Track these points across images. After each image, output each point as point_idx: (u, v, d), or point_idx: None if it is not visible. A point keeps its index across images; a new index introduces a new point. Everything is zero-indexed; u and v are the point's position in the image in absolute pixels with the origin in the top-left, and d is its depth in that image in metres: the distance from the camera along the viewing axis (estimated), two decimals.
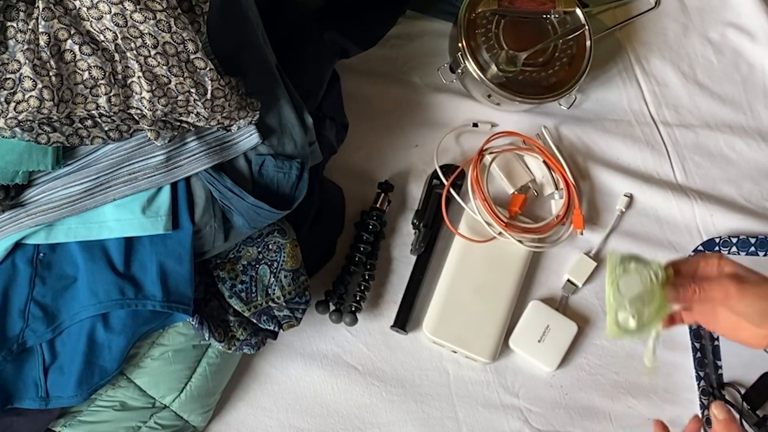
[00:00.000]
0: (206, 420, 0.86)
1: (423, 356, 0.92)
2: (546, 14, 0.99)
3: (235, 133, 0.74)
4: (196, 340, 0.80)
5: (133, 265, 0.74)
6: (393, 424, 0.89)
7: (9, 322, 0.73)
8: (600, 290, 0.96)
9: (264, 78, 0.76)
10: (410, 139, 1.00)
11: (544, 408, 0.92)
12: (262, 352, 0.90)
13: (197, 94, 0.66)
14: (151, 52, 0.63)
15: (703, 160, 1.03)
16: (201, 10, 0.67)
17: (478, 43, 0.96)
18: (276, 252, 0.80)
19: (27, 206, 0.72)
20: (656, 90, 1.06)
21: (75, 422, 0.78)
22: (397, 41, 1.04)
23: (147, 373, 0.79)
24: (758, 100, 1.07)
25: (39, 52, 0.61)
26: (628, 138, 1.03)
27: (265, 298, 0.80)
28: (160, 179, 0.73)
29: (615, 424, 0.91)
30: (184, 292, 0.74)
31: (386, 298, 0.94)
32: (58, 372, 0.74)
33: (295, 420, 0.89)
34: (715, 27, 1.10)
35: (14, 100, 0.61)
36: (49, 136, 0.66)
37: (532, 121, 1.02)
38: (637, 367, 0.93)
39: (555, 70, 0.98)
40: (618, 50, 1.07)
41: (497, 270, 0.92)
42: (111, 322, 0.73)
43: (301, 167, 0.77)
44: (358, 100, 0.98)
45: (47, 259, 0.74)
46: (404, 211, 0.97)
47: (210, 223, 0.75)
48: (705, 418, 0.90)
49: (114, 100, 0.64)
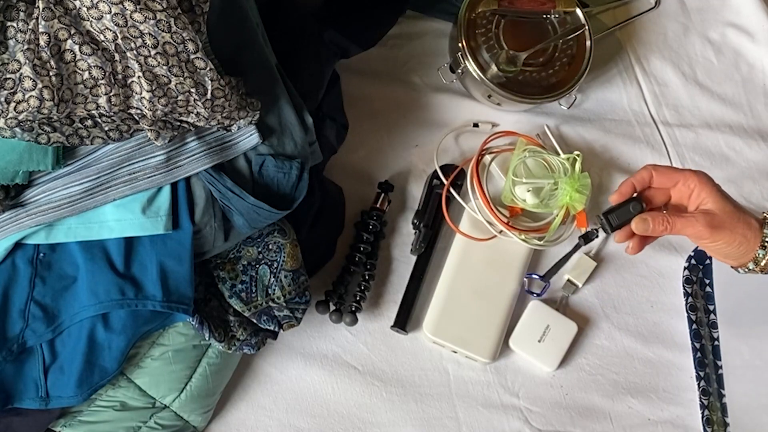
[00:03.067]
0: (206, 420, 0.86)
1: (423, 356, 0.92)
2: (546, 14, 0.99)
3: (235, 133, 0.74)
4: (196, 340, 0.80)
5: (133, 265, 0.74)
6: (393, 424, 0.89)
7: (9, 322, 0.73)
8: (600, 290, 0.96)
9: (264, 78, 0.76)
10: (410, 139, 1.00)
11: (544, 408, 0.92)
12: (262, 352, 0.90)
13: (197, 94, 0.66)
14: (151, 52, 0.63)
15: (703, 160, 1.03)
16: (201, 10, 0.67)
17: (478, 43, 0.96)
18: (276, 252, 0.80)
19: (27, 206, 0.72)
20: (656, 90, 1.06)
21: (75, 422, 0.78)
22: (397, 41, 1.04)
23: (147, 373, 0.79)
24: (758, 100, 1.07)
25: (39, 52, 0.61)
26: (628, 138, 1.03)
27: (265, 298, 0.80)
28: (160, 179, 0.73)
29: (615, 424, 0.92)
30: (184, 292, 0.73)
31: (386, 298, 0.94)
32: (58, 372, 0.74)
33: (295, 420, 0.89)
34: (715, 27, 1.10)
35: (14, 100, 0.61)
36: (49, 136, 0.66)
37: (532, 121, 1.02)
38: (637, 367, 0.93)
39: (555, 70, 0.98)
40: (618, 50, 1.07)
41: (497, 270, 0.92)
42: (111, 322, 0.73)
43: (301, 167, 0.77)
44: (358, 100, 0.99)
45: (47, 259, 0.74)
46: (404, 211, 0.97)
47: (210, 223, 0.75)
48: (705, 419, 0.90)
49: (114, 100, 0.64)
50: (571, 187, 0.92)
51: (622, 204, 0.74)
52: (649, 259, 0.97)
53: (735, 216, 0.71)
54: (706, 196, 0.71)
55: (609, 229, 0.74)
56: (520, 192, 0.93)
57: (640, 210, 0.73)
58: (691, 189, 0.73)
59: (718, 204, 0.71)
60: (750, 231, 0.70)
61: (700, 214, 0.71)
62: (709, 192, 0.71)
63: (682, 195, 0.74)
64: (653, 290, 0.96)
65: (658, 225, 0.72)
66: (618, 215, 0.74)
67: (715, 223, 0.70)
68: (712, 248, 0.72)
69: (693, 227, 0.71)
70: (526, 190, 0.93)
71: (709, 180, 0.73)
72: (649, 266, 0.97)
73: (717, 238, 0.70)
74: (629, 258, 0.97)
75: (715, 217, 0.70)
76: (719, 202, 0.71)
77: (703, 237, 0.71)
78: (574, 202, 0.92)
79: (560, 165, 0.95)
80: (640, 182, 0.75)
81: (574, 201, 0.92)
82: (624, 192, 0.75)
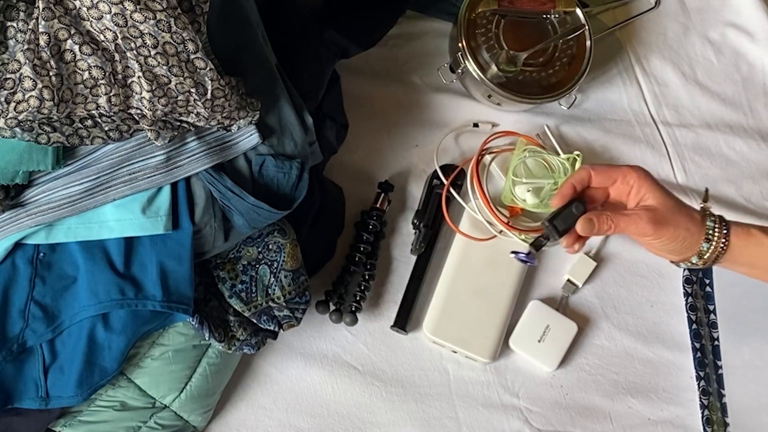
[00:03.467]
0: (206, 420, 0.86)
1: (423, 356, 0.92)
2: (546, 14, 0.99)
3: (235, 133, 0.74)
4: (196, 340, 0.80)
5: (133, 265, 0.74)
6: (393, 424, 0.89)
7: (9, 322, 0.73)
8: (600, 290, 0.96)
9: (264, 78, 0.76)
10: (410, 139, 1.00)
11: (544, 408, 0.92)
12: (262, 352, 0.90)
13: (197, 94, 0.66)
14: (151, 52, 0.63)
15: (703, 160, 1.03)
16: (201, 10, 0.67)
17: (478, 43, 0.96)
18: (276, 252, 0.80)
19: (27, 206, 0.72)
20: (656, 90, 1.06)
21: (75, 422, 0.78)
22: (397, 41, 1.04)
23: (147, 373, 0.79)
24: (758, 100, 1.07)
25: (39, 52, 0.61)
26: (628, 138, 1.03)
27: (265, 298, 0.79)
28: (160, 179, 0.73)
29: (615, 424, 0.92)
30: (184, 292, 0.73)
31: (386, 298, 0.94)
32: (58, 372, 0.74)
33: (295, 420, 0.89)
34: (715, 27, 1.10)
35: (14, 100, 0.61)
36: (49, 136, 0.66)
37: (532, 121, 1.02)
38: (637, 367, 0.93)
39: (555, 70, 0.98)
40: (618, 50, 1.07)
41: (497, 270, 0.92)
42: (111, 322, 0.73)
43: (301, 167, 0.77)
44: (358, 100, 0.98)
45: (47, 259, 0.74)
46: (404, 211, 0.97)
47: (210, 223, 0.75)
48: (705, 419, 0.90)
49: (114, 100, 0.64)
50: None
51: (564, 207, 0.72)
52: (649, 259, 0.97)
53: (677, 210, 0.69)
54: (646, 192, 0.69)
55: (556, 235, 0.71)
56: (520, 192, 0.93)
57: (583, 211, 0.71)
58: (631, 185, 0.70)
59: (659, 199, 0.69)
60: (693, 224, 0.68)
61: (642, 211, 0.69)
62: (649, 187, 0.69)
63: (622, 192, 0.71)
64: (653, 290, 0.96)
65: (603, 225, 0.69)
66: (563, 219, 0.71)
67: (658, 218, 0.68)
68: (656, 245, 0.70)
69: (636, 224, 0.68)
70: (526, 190, 0.93)
71: (647, 175, 0.70)
72: (649, 266, 0.97)
73: (661, 234, 0.68)
74: (629, 258, 0.97)
75: (657, 213, 0.68)
76: (660, 197, 0.69)
77: (646, 234, 0.69)
78: None
79: (560, 165, 0.95)
80: (579, 183, 0.72)
81: None
82: (565, 194, 0.72)
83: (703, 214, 0.70)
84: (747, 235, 0.68)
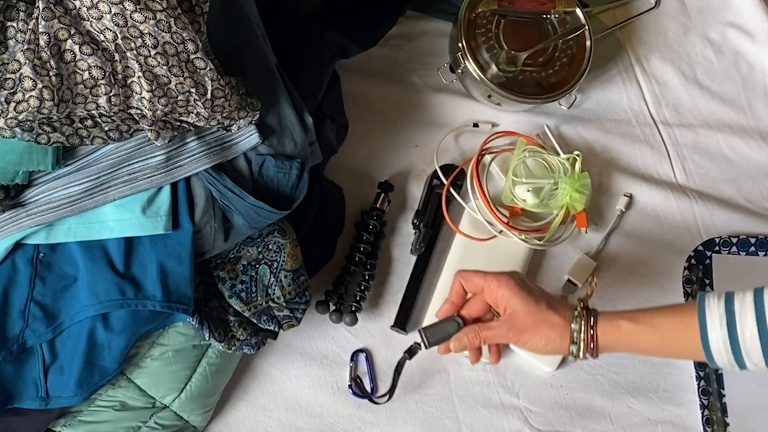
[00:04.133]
0: (206, 420, 0.86)
1: (423, 356, 0.92)
2: (546, 14, 0.99)
3: (235, 133, 0.74)
4: (196, 340, 0.80)
5: (133, 265, 0.74)
6: (393, 424, 0.89)
7: (9, 322, 0.73)
8: (600, 290, 0.96)
9: (264, 78, 0.76)
10: (410, 139, 1.00)
11: (544, 408, 0.91)
12: (262, 352, 0.90)
13: (197, 94, 0.66)
14: (151, 52, 0.63)
15: (703, 160, 1.03)
16: (201, 10, 0.67)
17: (478, 43, 0.96)
18: (276, 252, 0.80)
19: (27, 206, 0.72)
20: (656, 90, 1.06)
21: (75, 422, 0.78)
22: (397, 41, 1.04)
23: (147, 373, 0.79)
24: (758, 100, 1.07)
25: (39, 52, 0.61)
26: (628, 138, 1.03)
27: (265, 298, 0.80)
28: (160, 179, 0.73)
29: (615, 424, 0.91)
30: (184, 292, 0.73)
31: (386, 298, 0.94)
32: (58, 372, 0.74)
33: (295, 420, 0.89)
34: (715, 27, 1.10)
35: (14, 100, 0.61)
36: (49, 136, 0.66)
37: (532, 121, 1.02)
38: (637, 367, 0.93)
39: (555, 70, 0.98)
40: (618, 50, 1.07)
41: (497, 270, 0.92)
42: (111, 322, 0.73)
43: (301, 167, 0.77)
44: (358, 100, 0.99)
45: (47, 259, 0.74)
46: (404, 211, 0.97)
47: (210, 223, 0.75)
48: (705, 419, 0.90)
49: (114, 100, 0.64)
50: (571, 187, 0.92)
51: (442, 321, 0.74)
52: (649, 259, 0.97)
53: (537, 317, 0.69)
54: (510, 298, 0.70)
55: (426, 346, 0.75)
56: (520, 192, 0.93)
57: (458, 328, 0.73)
58: (495, 292, 0.71)
59: (521, 305, 0.69)
60: (553, 331, 0.69)
61: (504, 321, 0.71)
62: (511, 293, 0.70)
63: (493, 299, 0.72)
64: (653, 290, 0.96)
65: (472, 341, 0.72)
66: (435, 332, 0.74)
67: (518, 326, 0.70)
68: (527, 348, 0.71)
69: (499, 336, 0.71)
70: (526, 190, 0.93)
71: (509, 280, 0.71)
72: (649, 266, 0.97)
73: (524, 340, 0.70)
74: (629, 258, 0.97)
75: (517, 322, 0.70)
76: (522, 303, 0.69)
77: (511, 341, 0.71)
78: (574, 202, 0.92)
79: (560, 165, 0.95)
80: (457, 296, 0.74)
81: (574, 201, 0.92)
82: (447, 311, 0.75)
83: (571, 315, 0.70)
84: (616, 329, 0.69)
